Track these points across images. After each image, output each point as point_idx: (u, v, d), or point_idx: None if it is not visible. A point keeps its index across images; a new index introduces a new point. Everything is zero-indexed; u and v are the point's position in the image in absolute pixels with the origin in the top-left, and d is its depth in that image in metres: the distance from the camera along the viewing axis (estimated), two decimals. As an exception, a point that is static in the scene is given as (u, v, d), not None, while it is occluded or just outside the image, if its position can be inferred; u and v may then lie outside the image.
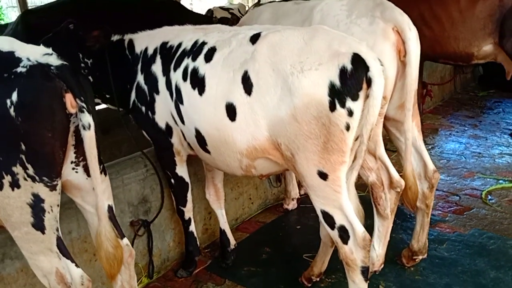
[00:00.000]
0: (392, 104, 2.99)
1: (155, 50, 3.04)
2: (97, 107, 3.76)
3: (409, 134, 2.92)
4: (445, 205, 4.28)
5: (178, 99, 2.82)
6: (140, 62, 3.10)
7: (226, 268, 3.58)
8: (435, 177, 3.25)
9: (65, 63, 2.15)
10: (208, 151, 2.79)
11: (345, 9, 3.00)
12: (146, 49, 3.10)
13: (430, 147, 5.57)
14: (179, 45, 2.92)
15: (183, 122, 2.87)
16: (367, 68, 2.28)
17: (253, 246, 3.86)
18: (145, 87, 3.05)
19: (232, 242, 3.62)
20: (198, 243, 3.55)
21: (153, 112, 3.05)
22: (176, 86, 2.83)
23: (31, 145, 2.06)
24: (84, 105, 2.11)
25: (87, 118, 2.12)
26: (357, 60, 2.27)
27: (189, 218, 3.43)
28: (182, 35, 2.98)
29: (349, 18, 2.93)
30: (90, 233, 2.58)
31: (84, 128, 2.13)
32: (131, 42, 3.20)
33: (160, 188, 3.50)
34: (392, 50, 2.81)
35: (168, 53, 2.95)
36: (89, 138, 2.16)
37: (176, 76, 2.83)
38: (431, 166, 3.25)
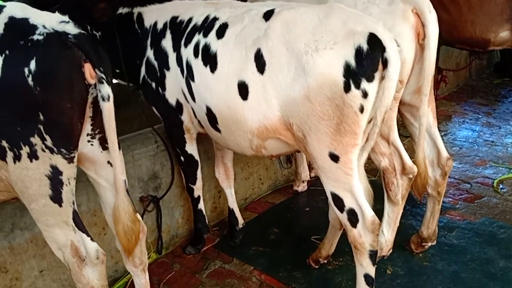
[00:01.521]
0: (408, 88, 2.92)
1: (164, 25, 2.99)
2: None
3: (424, 119, 2.86)
4: (456, 193, 4.24)
5: (189, 76, 2.79)
6: (149, 37, 3.05)
7: (234, 247, 3.60)
8: (448, 165, 3.20)
9: (82, 31, 2.08)
10: (218, 130, 2.77)
11: None
12: (155, 24, 3.04)
13: (443, 133, 5.50)
14: (190, 20, 2.87)
15: (194, 99, 2.84)
16: (383, 49, 2.22)
17: (261, 226, 3.86)
18: (155, 63, 3.01)
19: (241, 221, 3.63)
20: (207, 220, 3.56)
21: (164, 89, 3.01)
22: (187, 63, 2.79)
23: (50, 115, 2.00)
24: (104, 76, 2.07)
25: (106, 89, 2.07)
26: (374, 40, 2.22)
27: (198, 196, 3.44)
28: (192, 10, 2.92)
29: None
30: (102, 207, 2.57)
31: (103, 100, 2.08)
32: (140, 15, 3.14)
33: (170, 164, 3.49)
34: (411, 33, 2.73)
35: (178, 28, 2.90)
36: (108, 109, 2.11)
37: (187, 52, 2.79)
38: (444, 153, 3.20)
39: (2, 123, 1.99)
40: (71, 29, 2.05)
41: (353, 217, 2.49)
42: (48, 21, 2.05)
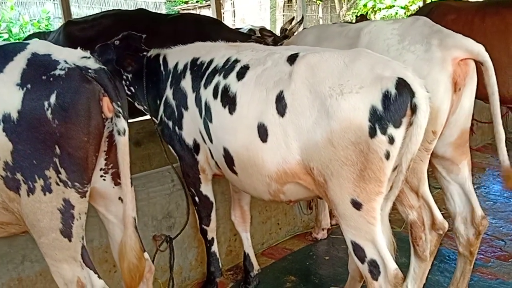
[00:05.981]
0: (442, 140, 2.76)
1: (185, 66, 3.02)
2: (130, 120, 3.81)
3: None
4: (489, 250, 3.98)
5: (208, 117, 2.76)
6: (170, 77, 3.11)
7: (248, 294, 3.44)
8: (483, 224, 2.96)
9: (102, 66, 2.12)
10: (235, 172, 2.70)
11: (397, 34, 2.82)
12: (176, 64, 3.09)
13: (476, 186, 5.20)
14: (211, 61, 2.88)
15: (211, 140, 2.79)
16: (412, 94, 2.13)
17: (277, 274, 3.72)
18: (173, 102, 3.04)
19: (256, 267, 3.51)
20: (220, 264, 3.44)
21: (181, 128, 3.01)
22: (206, 104, 2.77)
23: (66, 149, 2.01)
24: (120, 110, 2.08)
25: (122, 124, 2.09)
26: (402, 85, 2.13)
27: (212, 238, 3.34)
28: (214, 52, 2.94)
29: (401, 44, 2.75)
30: (110, 244, 2.52)
31: (119, 134, 2.10)
32: (165, 57, 3.22)
33: (186, 204, 3.43)
34: (448, 82, 2.60)
35: (198, 69, 2.93)
36: (123, 144, 2.12)
37: (206, 93, 2.78)
38: (479, 211, 2.98)
39: (19, 156, 1.99)
40: (92, 64, 2.09)
41: (374, 269, 2.34)
42: (70, 56, 2.09)
